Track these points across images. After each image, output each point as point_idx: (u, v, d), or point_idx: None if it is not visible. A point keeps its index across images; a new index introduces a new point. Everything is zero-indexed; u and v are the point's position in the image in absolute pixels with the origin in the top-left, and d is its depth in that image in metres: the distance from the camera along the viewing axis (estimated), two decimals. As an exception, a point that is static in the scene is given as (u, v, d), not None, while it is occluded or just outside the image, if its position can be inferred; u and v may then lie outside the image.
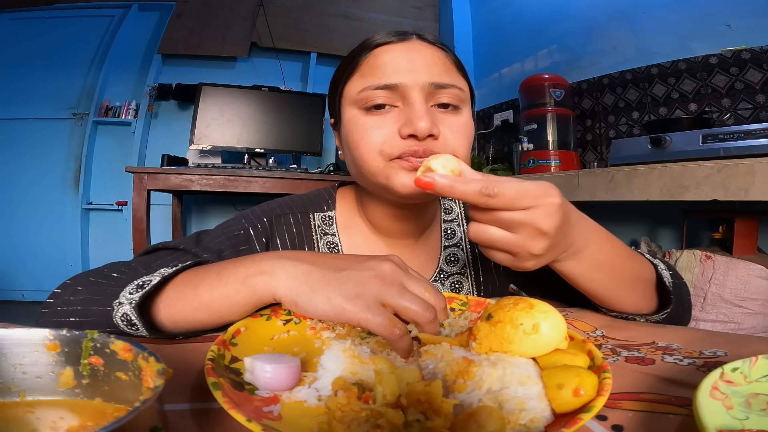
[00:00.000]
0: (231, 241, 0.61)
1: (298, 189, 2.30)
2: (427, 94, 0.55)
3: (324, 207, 0.69)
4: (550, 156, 2.10)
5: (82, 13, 3.10)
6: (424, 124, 0.52)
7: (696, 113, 1.80)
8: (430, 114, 0.55)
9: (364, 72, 0.57)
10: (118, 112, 3.04)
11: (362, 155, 0.57)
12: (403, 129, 0.54)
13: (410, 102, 0.55)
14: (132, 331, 0.41)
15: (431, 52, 0.57)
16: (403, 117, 0.55)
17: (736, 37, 1.68)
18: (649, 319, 0.54)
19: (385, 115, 0.56)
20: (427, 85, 0.55)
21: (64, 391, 0.26)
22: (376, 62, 0.57)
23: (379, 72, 0.56)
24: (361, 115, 0.57)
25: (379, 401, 0.27)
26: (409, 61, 0.56)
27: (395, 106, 0.56)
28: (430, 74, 0.55)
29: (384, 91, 0.55)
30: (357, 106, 0.57)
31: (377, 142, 0.55)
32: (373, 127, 0.56)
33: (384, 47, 0.57)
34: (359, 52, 0.59)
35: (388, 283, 0.38)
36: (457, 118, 0.58)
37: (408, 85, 0.55)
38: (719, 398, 0.28)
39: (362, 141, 0.56)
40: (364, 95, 0.56)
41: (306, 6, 3.21)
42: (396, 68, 0.55)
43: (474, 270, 0.70)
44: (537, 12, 2.61)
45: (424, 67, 0.56)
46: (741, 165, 1.18)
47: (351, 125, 0.58)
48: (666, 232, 1.93)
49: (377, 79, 0.55)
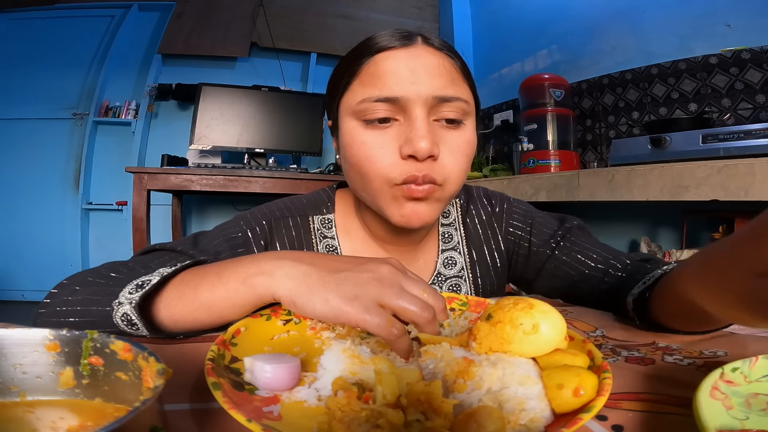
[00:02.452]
0: (229, 243, 0.61)
1: (298, 189, 2.30)
2: (430, 108, 0.53)
3: (323, 210, 0.68)
4: (550, 156, 2.10)
5: (82, 13, 3.11)
6: (425, 144, 0.51)
7: (696, 113, 1.80)
8: (432, 132, 0.53)
9: (364, 80, 0.55)
10: (118, 112, 3.04)
11: (366, 175, 0.55)
12: (404, 148, 0.52)
13: (411, 118, 0.53)
14: (132, 330, 0.41)
15: (437, 60, 0.54)
16: (403, 134, 0.53)
17: (736, 37, 1.69)
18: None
19: (385, 132, 0.54)
20: (430, 99, 0.53)
21: (64, 391, 0.26)
22: (376, 70, 0.54)
23: (379, 82, 0.53)
24: (361, 128, 0.55)
25: (379, 401, 0.27)
26: (412, 71, 0.53)
27: (396, 119, 0.54)
28: (434, 86, 0.53)
29: (384, 103, 0.53)
30: (356, 117, 0.55)
31: (381, 166, 0.53)
32: (374, 146, 0.54)
33: (386, 53, 0.54)
34: (359, 56, 0.56)
35: (387, 285, 0.38)
36: (459, 135, 0.55)
37: (410, 98, 0.52)
38: (719, 398, 0.28)
39: (367, 162, 0.54)
40: (364, 107, 0.54)
41: (306, 6, 3.21)
42: (398, 79, 0.53)
43: (472, 273, 0.70)
44: (537, 12, 2.61)
45: (428, 78, 0.53)
46: (741, 165, 1.18)
47: (350, 138, 0.56)
48: (666, 232, 1.93)
49: (377, 90, 0.53)
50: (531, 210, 0.72)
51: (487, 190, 0.75)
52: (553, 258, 0.66)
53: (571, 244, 0.65)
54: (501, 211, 0.72)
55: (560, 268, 0.66)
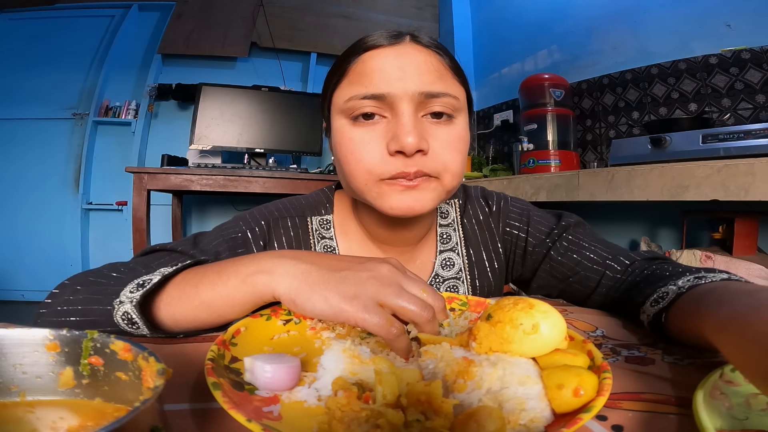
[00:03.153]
0: (228, 244, 0.61)
1: (298, 189, 2.30)
2: (417, 104, 0.53)
3: (322, 211, 0.68)
4: (550, 156, 2.10)
5: (82, 13, 3.10)
6: (412, 139, 0.50)
7: (696, 113, 1.80)
8: (419, 127, 0.52)
9: (351, 79, 0.55)
10: (118, 112, 3.04)
11: (352, 172, 0.55)
12: (391, 144, 0.52)
13: (398, 114, 0.52)
14: (133, 329, 0.41)
15: (424, 57, 0.54)
16: (390, 131, 0.53)
17: (736, 37, 1.68)
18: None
19: (373, 128, 0.54)
20: (417, 95, 0.52)
21: (64, 391, 0.26)
22: (364, 69, 0.54)
23: (366, 80, 0.53)
24: (348, 126, 0.55)
25: (379, 401, 0.27)
26: (399, 68, 0.53)
27: (384, 116, 0.54)
28: (421, 82, 0.53)
29: (371, 100, 0.53)
30: (344, 116, 0.55)
31: (367, 162, 0.54)
32: (361, 143, 0.54)
33: (373, 52, 0.54)
34: (348, 56, 0.56)
35: (386, 284, 0.38)
36: (450, 130, 0.55)
37: (396, 94, 0.52)
38: (719, 398, 0.28)
39: (351, 158, 0.54)
40: (351, 104, 0.54)
41: (306, 6, 3.21)
42: (384, 76, 0.53)
43: (470, 274, 0.69)
44: (537, 12, 2.61)
45: (416, 74, 0.53)
46: (741, 165, 1.18)
47: (339, 136, 0.56)
48: (666, 232, 1.93)
49: (364, 88, 0.53)
50: (528, 208, 0.71)
51: (484, 189, 0.75)
52: (549, 258, 0.66)
53: (567, 243, 0.65)
54: (498, 210, 0.71)
55: (556, 269, 0.66)
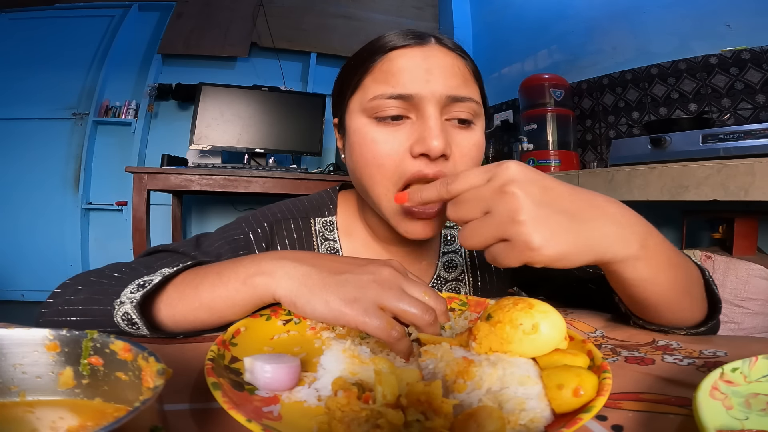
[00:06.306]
0: (230, 246, 0.61)
1: (298, 189, 2.30)
2: (442, 107, 0.53)
3: (325, 212, 0.68)
4: (550, 156, 2.10)
5: (82, 13, 3.10)
6: (438, 143, 0.50)
7: (696, 113, 1.80)
8: (445, 132, 0.52)
9: (377, 77, 0.54)
10: (118, 112, 3.04)
11: (372, 175, 0.54)
12: (415, 147, 0.51)
13: (424, 116, 0.52)
14: (133, 330, 0.41)
15: (450, 60, 0.54)
16: (415, 132, 0.52)
17: (736, 37, 1.68)
18: (692, 332, 0.47)
19: (397, 129, 0.53)
20: (444, 98, 0.52)
21: (64, 391, 0.26)
22: (390, 67, 0.53)
23: (393, 79, 0.53)
24: (372, 125, 0.54)
25: (379, 401, 0.27)
26: (427, 69, 0.52)
27: (408, 117, 0.53)
28: (448, 86, 0.52)
29: (398, 101, 0.52)
30: (367, 115, 0.54)
31: (391, 163, 0.53)
32: (384, 144, 0.53)
33: (400, 51, 0.54)
34: (373, 53, 0.55)
35: (387, 287, 0.38)
36: (470, 137, 0.55)
37: (424, 96, 0.52)
38: (719, 398, 0.28)
39: (373, 160, 0.53)
40: (376, 104, 0.53)
41: (306, 6, 3.21)
42: (412, 77, 0.52)
43: (472, 276, 0.69)
44: (537, 12, 2.61)
45: (442, 77, 0.52)
46: (741, 165, 1.18)
47: (360, 136, 0.55)
48: (666, 232, 1.92)
49: (391, 87, 0.52)
50: None
51: None
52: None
53: None
54: None
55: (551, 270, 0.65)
